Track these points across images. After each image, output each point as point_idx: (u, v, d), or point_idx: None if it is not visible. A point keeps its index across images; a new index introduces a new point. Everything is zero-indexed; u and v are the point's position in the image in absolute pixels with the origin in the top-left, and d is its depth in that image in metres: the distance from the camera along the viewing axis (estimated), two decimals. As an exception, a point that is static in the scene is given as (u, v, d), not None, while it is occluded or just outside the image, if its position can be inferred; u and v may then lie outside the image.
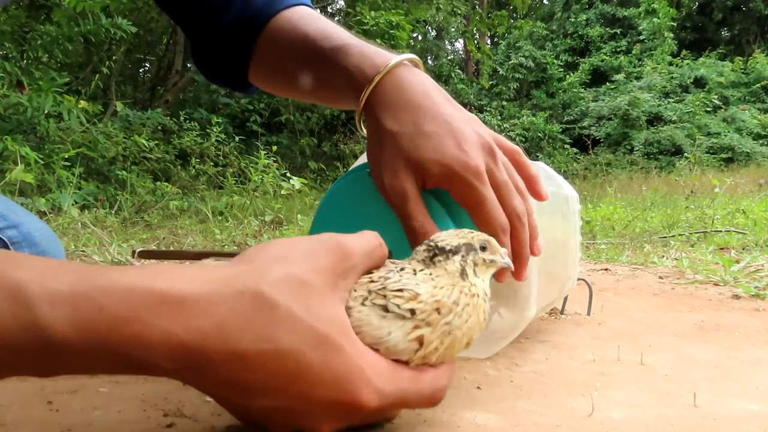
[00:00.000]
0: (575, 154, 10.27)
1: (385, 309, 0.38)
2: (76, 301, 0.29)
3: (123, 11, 4.61)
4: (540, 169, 0.86)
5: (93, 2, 3.76)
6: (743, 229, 2.27)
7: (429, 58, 11.54)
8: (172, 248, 2.05)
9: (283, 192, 3.88)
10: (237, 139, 5.45)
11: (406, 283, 0.40)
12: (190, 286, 0.32)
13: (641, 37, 12.11)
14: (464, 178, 0.48)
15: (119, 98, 5.36)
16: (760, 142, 9.80)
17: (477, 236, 0.45)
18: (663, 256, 1.73)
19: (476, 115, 0.55)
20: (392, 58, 0.54)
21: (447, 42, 13.41)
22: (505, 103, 11.53)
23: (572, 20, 13.04)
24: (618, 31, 12.49)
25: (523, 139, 10.28)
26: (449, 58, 12.94)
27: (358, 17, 6.29)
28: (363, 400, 0.35)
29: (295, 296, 0.33)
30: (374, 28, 6.25)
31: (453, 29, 10.82)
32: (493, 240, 0.46)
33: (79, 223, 2.41)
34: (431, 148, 0.49)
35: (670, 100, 10.67)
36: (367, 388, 0.35)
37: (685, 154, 8.59)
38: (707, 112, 10.30)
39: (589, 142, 8.93)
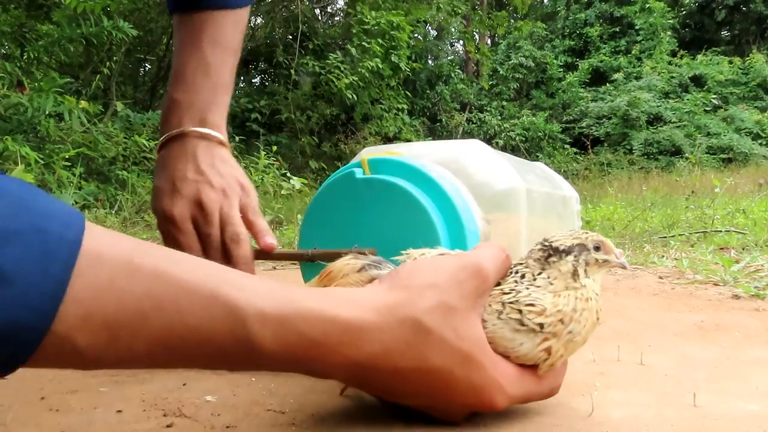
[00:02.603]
0: (575, 154, 10.27)
1: (521, 323, 0.42)
2: (281, 323, 0.36)
3: (123, 12, 4.60)
4: (539, 169, 0.86)
5: (93, 3, 3.76)
6: (743, 229, 2.27)
7: (429, 58, 11.53)
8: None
9: (283, 192, 3.88)
10: (237, 139, 5.44)
11: (535, 298, 0.43)
12: (366, 315, 0.38)
13: (639, 38, 12.10)
14: (164, 225, 0.64)
15: (119, 98, 5.35)
16: (759, 142, 9.79)
17: (591, 237, 0.47)
18: (663, 256, 1.73)
19: (476, 115, 0.58)
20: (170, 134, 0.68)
21: (447, 42, 13.39)
22: (505, 103, 11.53)
23: (572, 19, 13.03)
24: (617, 30, 12.48)
25: (523, 139, 10.27)
26: (449, 58, 12.92)
27: (358, 16, 6.29)
28: (496, 404, 0.42)
29: (445, 321, 0.40)
30: (375, 28, 6.25)
31: (453, 29, 10.81)
32: (607, 240, 0.48)
33: (79, 223, 2.40)
34: (157, 200, 0.66)
35: (670, 99, 10.66)
36: (501, 395, 0.42)
37: (685, 155, 8.59)
38: (706, 111, 10.29)
39: (588, 142, 8.93)
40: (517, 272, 0.46)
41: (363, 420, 0.48)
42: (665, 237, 2.25)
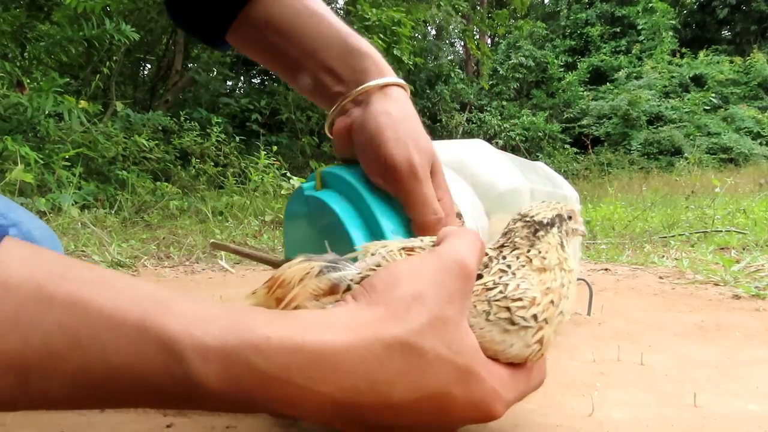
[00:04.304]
0: (575, 153, 10.27)
1: (511, 322, 0.38)
2: (227, 357, 0.29)
3: (123, 12, 4.60)
4: (539, 168, 0.86)
5: (94, 2, 3.75)
6: (743, 229, 2.27)
7: (429, 58, 11.53)
8: (172, 248, 2.05)
9: (283, 192, 3.88)
10: (237, 139, 5.44)
11: (524, 289, 0.39)
12: (340, 338, 0.31)
13: (640, 37, 12.10)
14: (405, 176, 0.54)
15: (119, 98, 5.35)
16: (759, 142, 9.79)
17: (563, 206, 0.45)
18: (663, 256, 1.73)
19: (476, 114, 0.57)
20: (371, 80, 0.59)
21: (447, 42, 13.38)
22: (505, 102, 11.52)
23: (572, 19, 13.04)
24: (618, 30, 12.48)
25: (523, 139, 10.27)
26: (449, 58, 12.91)
27: (359, 13, 6.29)
28: (496, 414, 0.37)
29: (438, 338, 0.34)
30: (376, 23, 6.26)
31: (452, 27, 10.79)
32: (576, 209, 0.46)
33: (79, 223, 2.41)
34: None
35: (670, 99, 10.67)
36: (499, 404, 0.37)
37: (685, 155, 8.59)
38: (706, 111, 10.29)
39: (588, 142, 8.93)
40: (499, 257, 0.41)
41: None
42: (665, 237, 2.25)
